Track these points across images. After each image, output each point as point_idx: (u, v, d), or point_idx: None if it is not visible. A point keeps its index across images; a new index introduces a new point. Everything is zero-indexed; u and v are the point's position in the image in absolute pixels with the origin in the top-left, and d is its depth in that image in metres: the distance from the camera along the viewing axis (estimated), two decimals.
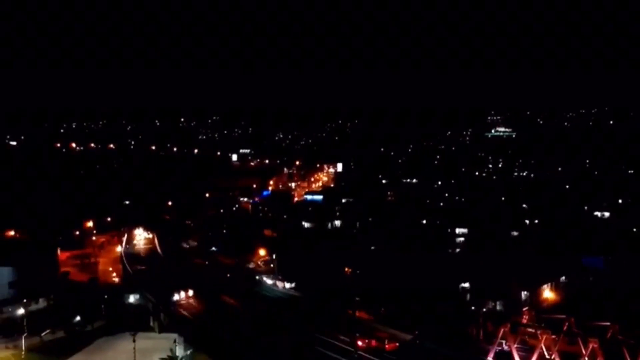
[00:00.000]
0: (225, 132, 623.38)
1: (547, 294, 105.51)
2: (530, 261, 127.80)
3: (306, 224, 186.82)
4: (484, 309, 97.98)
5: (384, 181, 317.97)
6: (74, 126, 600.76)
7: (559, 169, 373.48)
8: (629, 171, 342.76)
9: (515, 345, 79.37)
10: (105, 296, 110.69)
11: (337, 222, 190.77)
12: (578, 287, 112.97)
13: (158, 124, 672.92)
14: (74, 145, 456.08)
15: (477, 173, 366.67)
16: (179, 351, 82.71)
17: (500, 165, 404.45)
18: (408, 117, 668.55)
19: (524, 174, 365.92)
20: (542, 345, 76.00)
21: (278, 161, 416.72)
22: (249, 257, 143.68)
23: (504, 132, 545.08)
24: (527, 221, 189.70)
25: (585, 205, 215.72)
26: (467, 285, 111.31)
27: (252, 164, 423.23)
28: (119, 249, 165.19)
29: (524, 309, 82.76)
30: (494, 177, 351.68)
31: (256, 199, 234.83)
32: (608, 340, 73.11)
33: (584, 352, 71.41)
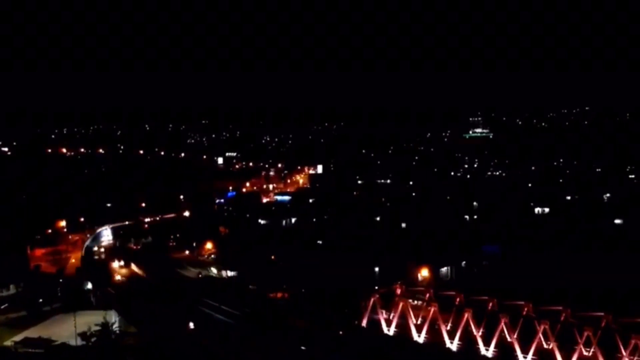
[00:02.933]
0: (214, 135, 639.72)
1: (425, 273, 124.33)
2: (439, 248, 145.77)
3: (262, 222, 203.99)
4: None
5: (359, 182, 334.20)
6: (65, 131, 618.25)
7: (532, 167, 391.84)
8: (597, 170, 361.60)
9: (392, 314, 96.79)
10: (61, 280, 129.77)
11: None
12: (474, 270, 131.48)
13: (148, 128, 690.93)
14: (64, 150, 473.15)
15: (452, 173, 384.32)
16: (112, 319, 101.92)
17: (475, 166, 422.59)
18: (391, 118, 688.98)
19: (497, 173, 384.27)
20: (410, 312, 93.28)
21: (261, 164, 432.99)
22: (200, 250, 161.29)
23: (480, 132, 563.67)
24: (466, 216, 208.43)
25: (531, 202, 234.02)
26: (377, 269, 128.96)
27: (237, 167, 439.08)
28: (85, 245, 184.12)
29: (397, 283, 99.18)
30: (468, 177, 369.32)
31: (222, 200, 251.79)
32: (456, 306, 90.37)
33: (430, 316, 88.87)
